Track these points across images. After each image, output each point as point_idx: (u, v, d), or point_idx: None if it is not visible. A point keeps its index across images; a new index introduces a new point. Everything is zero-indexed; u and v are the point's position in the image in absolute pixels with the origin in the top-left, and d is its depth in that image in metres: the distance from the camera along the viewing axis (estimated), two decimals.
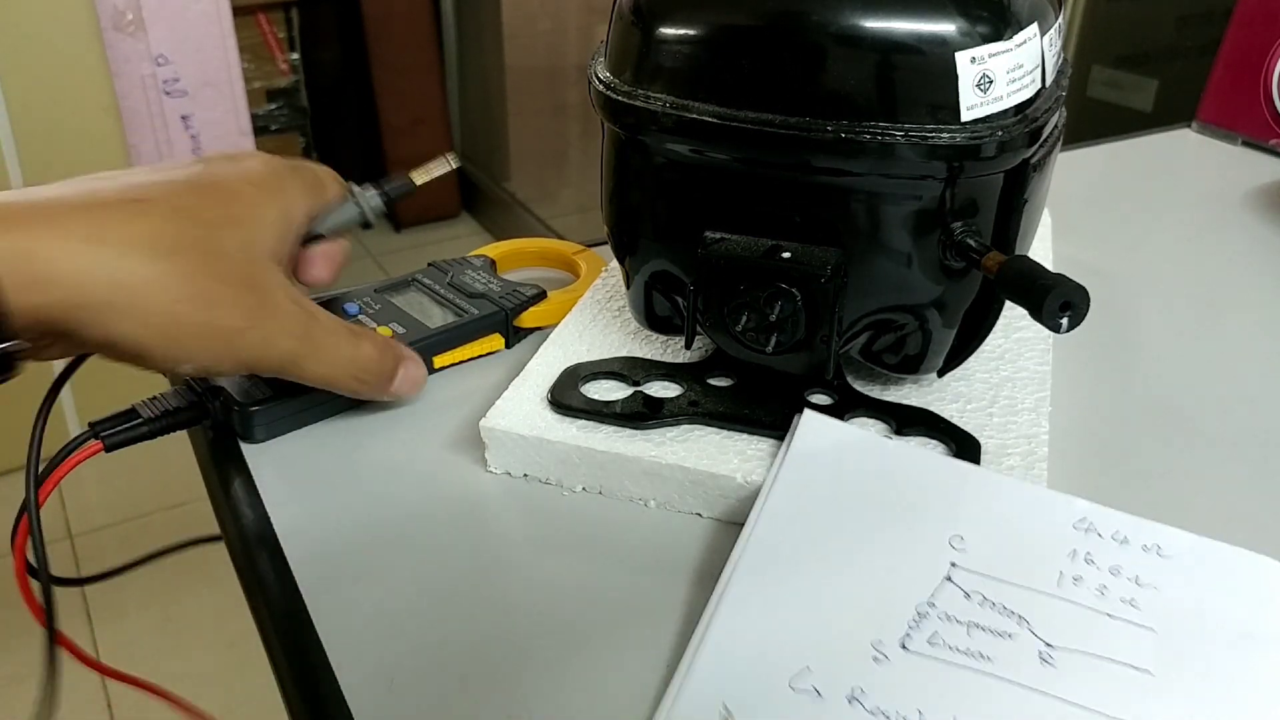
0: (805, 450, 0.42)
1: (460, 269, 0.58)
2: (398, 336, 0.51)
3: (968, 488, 0.41)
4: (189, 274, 0.38)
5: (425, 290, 0.56)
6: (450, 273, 0.58)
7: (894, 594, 0.37)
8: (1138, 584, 0.37)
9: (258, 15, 2.36)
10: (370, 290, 0.56)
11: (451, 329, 0.53)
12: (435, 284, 0.57)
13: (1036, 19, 0.41)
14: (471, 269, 0.58)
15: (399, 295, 0.56)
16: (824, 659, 0.34)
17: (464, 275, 0.57)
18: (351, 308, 0.54)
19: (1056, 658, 0.35)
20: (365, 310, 0.54)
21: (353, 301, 0.54)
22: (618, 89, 0.43)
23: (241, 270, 0.40)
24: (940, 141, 0.39)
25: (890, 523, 0.40)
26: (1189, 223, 0.73)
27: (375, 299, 0.55)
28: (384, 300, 0.55)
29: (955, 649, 0.35)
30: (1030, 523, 0.40)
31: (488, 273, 0.58)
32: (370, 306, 0.54)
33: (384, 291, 0.56)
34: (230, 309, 0.39)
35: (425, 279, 0.57)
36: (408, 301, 0.55)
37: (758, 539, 0.39)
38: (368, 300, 0.55)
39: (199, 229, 0.39)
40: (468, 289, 0.56)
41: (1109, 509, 0.40)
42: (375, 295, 0.56)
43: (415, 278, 0.57)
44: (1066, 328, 0.37)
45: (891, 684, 0.34)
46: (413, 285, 0.57)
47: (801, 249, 0.41)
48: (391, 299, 0.55)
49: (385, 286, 0.57)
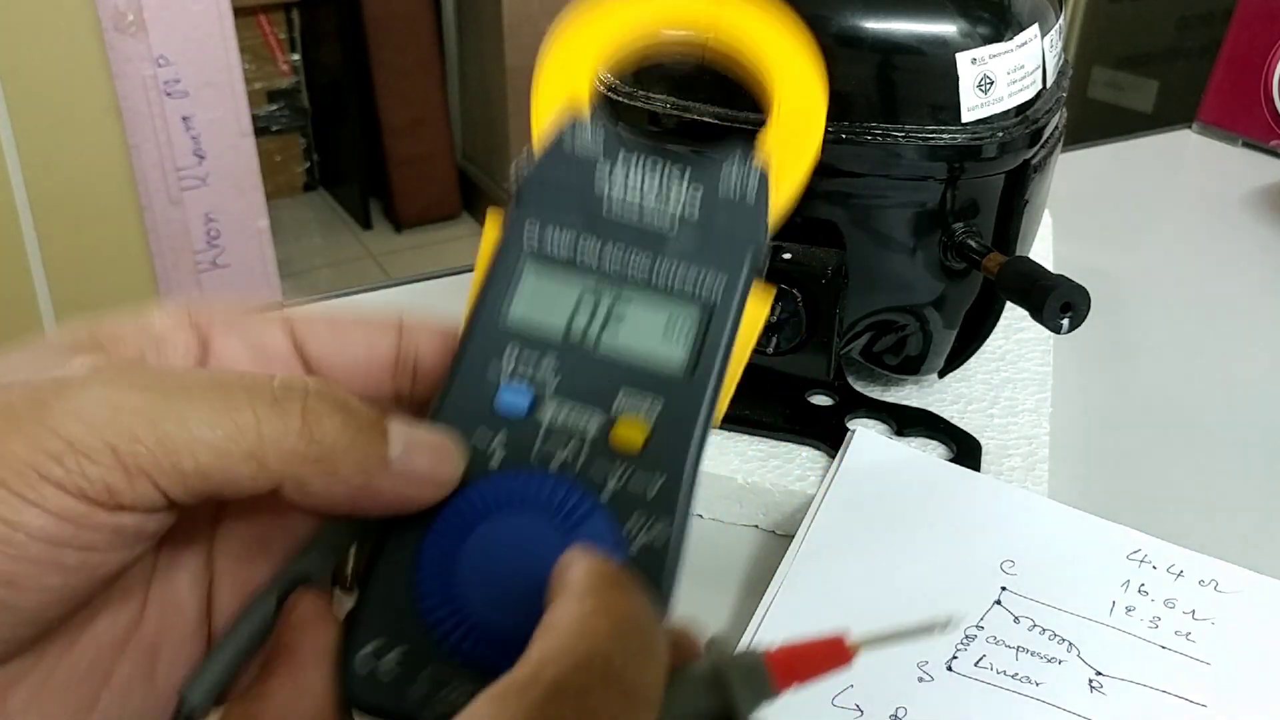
0: (856, 468, 0.42)
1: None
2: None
3: (1020, 512, 0.41)
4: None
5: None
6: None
7: (942, 615, 0.37)
8: (1194, 618, 0.37)
9: (258, 16, 2.36)
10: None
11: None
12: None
13: (1037, 20, 0.41)
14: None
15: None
16: (868, 676, 0.34)
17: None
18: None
19: (1107, 686, 0.34)
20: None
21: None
22: (619, 90, 0.43)
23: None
24: (941, 142, 0.39)
25: (940, 544, 0.39)
26: (1189, 223, 0.73)
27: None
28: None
29: (1002, 672, 0.35)
30: (1083, 551, 0.39)
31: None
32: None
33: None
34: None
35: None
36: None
37: (805, 554, 0.39)
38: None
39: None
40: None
41: (1164, 542, 0.40)
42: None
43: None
44: (1067, 328, 0.37)
45: (935, 704, 0.33)
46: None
47: (802, 250, 0.41)
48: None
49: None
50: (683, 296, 0.25)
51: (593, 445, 0.24)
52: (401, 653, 0.23)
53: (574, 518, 0.23)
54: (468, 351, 0.25)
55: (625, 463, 0.24)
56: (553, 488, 0.23)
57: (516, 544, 0.23)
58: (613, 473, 0.24)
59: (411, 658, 0.23)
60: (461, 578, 0.23)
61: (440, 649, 0.23)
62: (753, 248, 0.25)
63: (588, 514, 0.23)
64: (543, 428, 0.24)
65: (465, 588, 0.23)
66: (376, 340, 0.26)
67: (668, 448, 0.24)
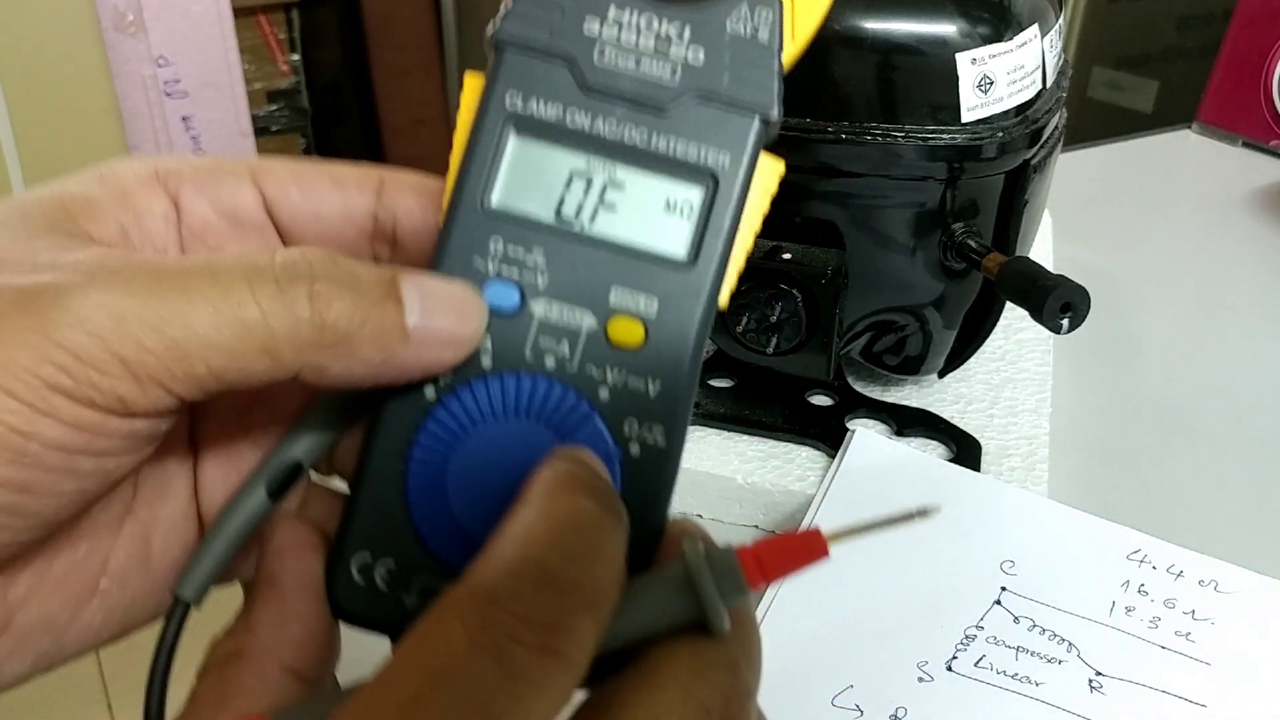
0: (856, 468, 0.42)
1: None
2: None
3: (1020, 512, 0.41)
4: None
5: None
6: None
7: (941, 615, 0.36)
8: (1194, 618, 0.37)
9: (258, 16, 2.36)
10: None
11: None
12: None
13: (1037, 20, 0.41)
14: None
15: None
16: (868, 677, 0.34)
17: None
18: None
19: (1107, 686, 0.34)
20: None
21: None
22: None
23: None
24: (941, 142, 0.39)
25: (940, 544, 0.39)
26: (1189, 223, 0.73)
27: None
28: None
29: (1002, 672, 0.35)
30: (1082, 551, 0.39)
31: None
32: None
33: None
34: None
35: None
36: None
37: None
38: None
39: None
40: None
41: (1164, 542, 0.40)
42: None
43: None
44: (1067, 329, 0.37)
45: (935, 705, 0.33)
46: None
47: (802, 250, 0.41)
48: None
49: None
50: (684, 166, 0.22)
51: (588, 343, 0.22)
52: (391, 564, 0.22)
53: (568, 423, 0.22)
54: (449, 241, 0.22)
55: (623, 360, 0.22)
56: (546, 391, 0.22)
57: (508, 451, 0.22)
58: (610, 371, 0.22)
59: (401, 569, 0.22)
60: (452, 486, 0.22)
61: (430, 560, 0.22)
62: (764, 97, 0.22)
63: (583, 418, 0.22)
64: (534, 325, 0.22)
65: (456, 497, 0.22)
66: (353, 201, 0.24)
67: (668, 342, 0.22)
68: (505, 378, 0.22)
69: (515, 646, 0.17)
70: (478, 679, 0.16)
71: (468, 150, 0.23)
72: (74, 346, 0.18)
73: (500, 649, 0.16)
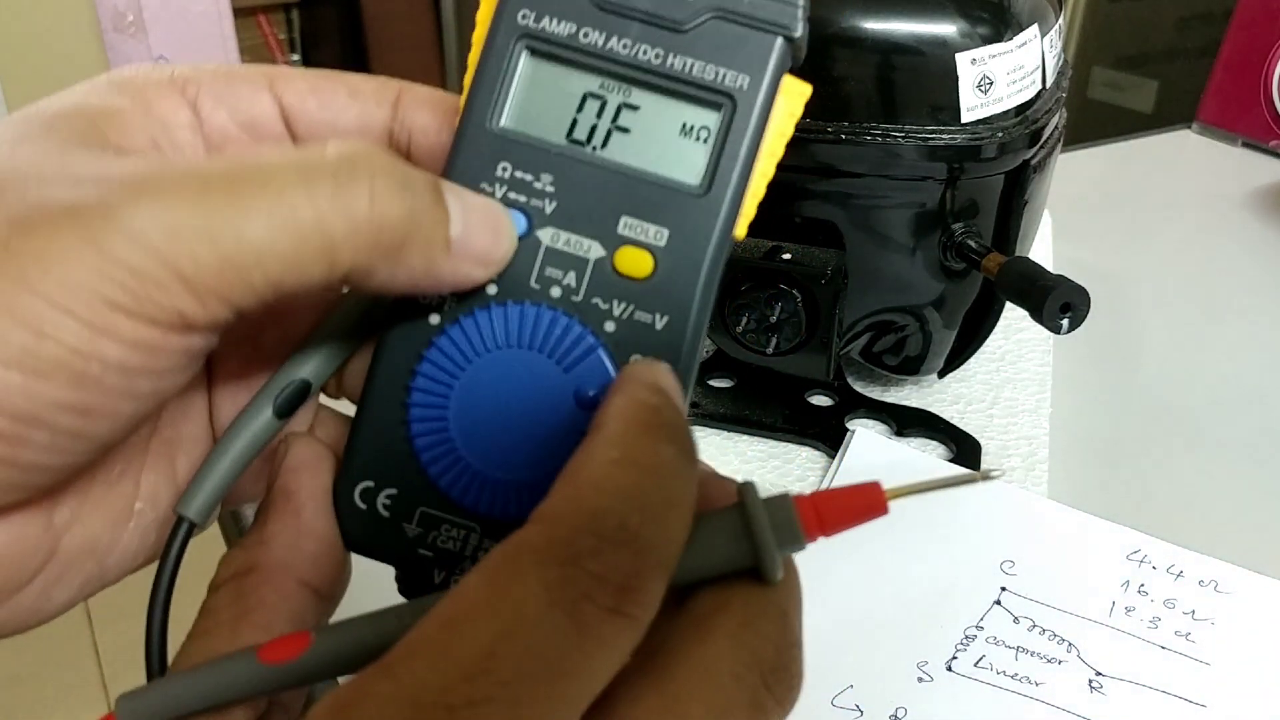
0: (856, 468, 0.42)
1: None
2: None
3: (1019, 513, 0.41)
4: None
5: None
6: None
7: (941, 615, 0.37)
8: (1194, 618, 0.37)
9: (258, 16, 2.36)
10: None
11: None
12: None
13: (1037, 20, 0.41)
14: None
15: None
16: (867, 677, 0.34)
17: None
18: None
19: (1107, 686, 0.35)
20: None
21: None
22: None
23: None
24: (941, 142, 0.39)
25: (940, 544, 0.39)
26: (1189, 224, 0.73)
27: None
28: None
29: (1002, 672, 0.35)
30: (1082, 551, 0.39)
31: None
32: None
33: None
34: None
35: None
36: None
37: (804, 554, 0.39)
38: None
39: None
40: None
41: (1164, 542, 0.40)
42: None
43: None
44: (1067, 329, 0.37)
45: (935, 704, 0.33)
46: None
47: (802, 250, 0.41)
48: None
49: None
50: (701, 88, 0.21)
51: (595, 273, 0.22)
52: (393, 494, 0.22)
53: (572, 355, 0.21)
54: (455, 163, 0.22)
55: (630, 292, 0.21)
56: (550, 322, 0.21)
57: (512, 384, 0.22)
58: (617, 303, 0.21)
59: (404, 499, 0.22)
60: (455, 416, 0.22)
61: (432, 489, 0.22)
62: (786, 14, 0.21)
63: (588, 352, 0.21)
64: (540, 254, 0.22)
65: (459, 426, 0.22)
66: (370, 113, 0.23)
67: (677, 274, 0.21)
68: (510, 308, 0.22)
69: (589, 605, 0.16)
70: (552, 638, 0.16)
71: (478, 70, 0.22)
72: (131, 262, 0.18)
73: (576, 607, 0.16)
